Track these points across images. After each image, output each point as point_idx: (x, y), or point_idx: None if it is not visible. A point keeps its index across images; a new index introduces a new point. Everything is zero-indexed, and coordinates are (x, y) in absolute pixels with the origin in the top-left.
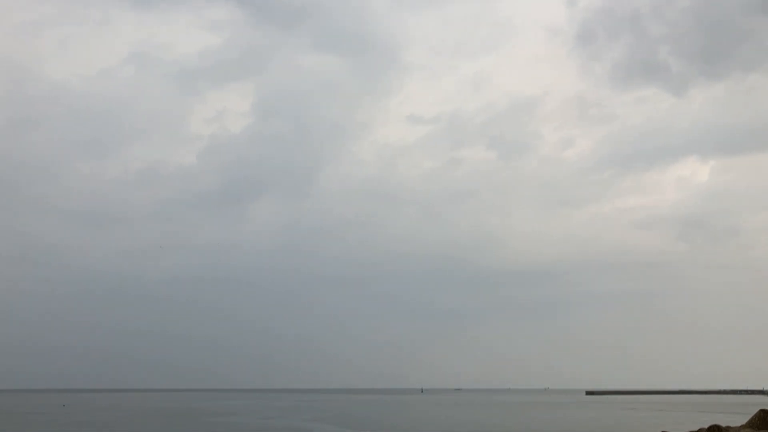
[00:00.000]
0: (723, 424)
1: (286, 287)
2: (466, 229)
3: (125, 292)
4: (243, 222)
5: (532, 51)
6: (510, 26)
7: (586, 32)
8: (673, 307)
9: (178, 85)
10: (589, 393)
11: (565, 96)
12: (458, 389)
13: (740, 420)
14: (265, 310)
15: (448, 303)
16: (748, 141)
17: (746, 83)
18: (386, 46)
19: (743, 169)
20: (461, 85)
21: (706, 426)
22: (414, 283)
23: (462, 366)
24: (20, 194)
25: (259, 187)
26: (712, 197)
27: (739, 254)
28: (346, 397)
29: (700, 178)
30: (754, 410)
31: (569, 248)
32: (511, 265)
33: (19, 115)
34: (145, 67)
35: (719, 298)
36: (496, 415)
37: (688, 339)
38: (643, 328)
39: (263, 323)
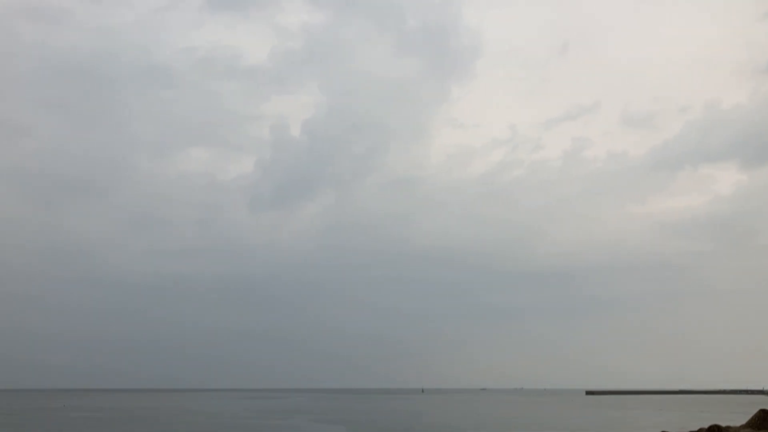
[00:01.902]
0: (723, 424)
1: (330, 285)
2: (513, 229)
3: (161, 291)
4: (291, 222)
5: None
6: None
7: None
8: (688, 308)
9: (245, 88)
10: (589, 393)
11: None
12: (484, 389)
13: (740, 420)
14: (312, 308)
15: (479, 302)
16: None
17: None
18: (458, 52)
19: None
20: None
21: (706, 426)
22: (453, 280)
23: (488, 366)
24: (77, 191)
25: (312, 188)
26: None
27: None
28: (342, 398)
29: None
30: (754, 410)
31: (595, 251)
32: (545, 266)
33: (91, 114)
34: (213, 69)
35: (728, 299)
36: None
37: (691, 340)
38: (653, 329)
39: (309, 321)
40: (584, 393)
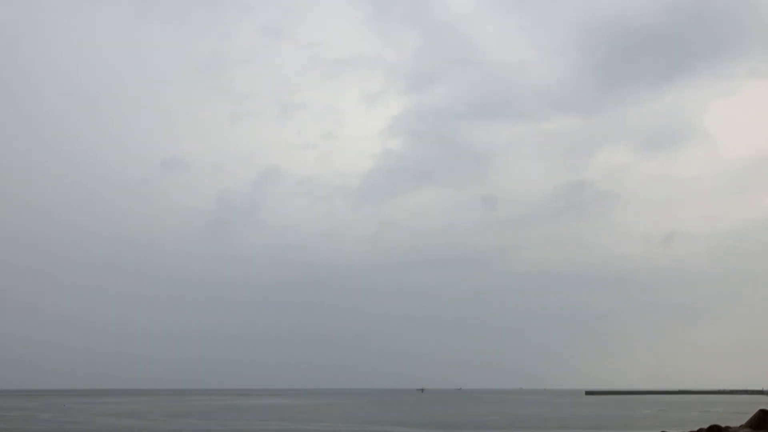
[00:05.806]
0: (723, 424)
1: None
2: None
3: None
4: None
5: None
6: None
7: None
8: (697, 309)
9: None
10: (588, 393)
11: None
12: (520, 388)
13: (740, 420)
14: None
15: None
16: None
17: None
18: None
19: None
20: None
21: (706, 426)
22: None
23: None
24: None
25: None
26: None
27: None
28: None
29: None
30: (754, 410)
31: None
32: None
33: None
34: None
35: (731, 300)
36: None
37: (692, 340)
38: (654, 329)
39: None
40: (584, 393)
